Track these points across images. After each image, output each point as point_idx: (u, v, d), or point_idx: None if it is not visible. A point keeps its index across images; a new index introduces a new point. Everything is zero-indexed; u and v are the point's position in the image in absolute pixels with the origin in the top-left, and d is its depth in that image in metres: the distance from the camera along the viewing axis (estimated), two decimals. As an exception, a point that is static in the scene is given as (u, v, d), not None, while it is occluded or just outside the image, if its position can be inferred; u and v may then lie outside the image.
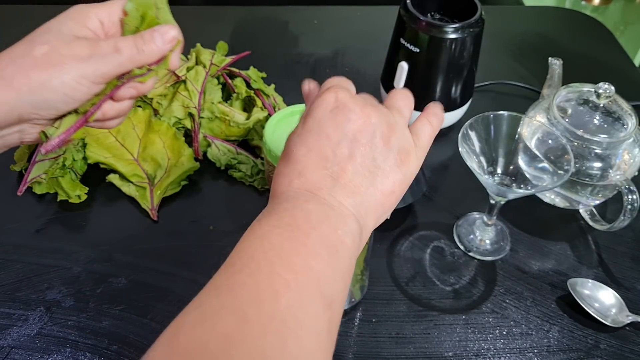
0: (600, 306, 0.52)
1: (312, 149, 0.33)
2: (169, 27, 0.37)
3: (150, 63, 0.37)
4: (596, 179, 0.56)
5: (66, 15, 0.36)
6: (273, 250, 0.29)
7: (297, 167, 0.33)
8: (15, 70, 0.32)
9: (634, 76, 0.82)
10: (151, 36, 0.36)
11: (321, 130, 0.34)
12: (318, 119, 0.34)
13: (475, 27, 0.61)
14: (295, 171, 0.33)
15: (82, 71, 0.33)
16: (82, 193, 0.59)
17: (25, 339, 0.49)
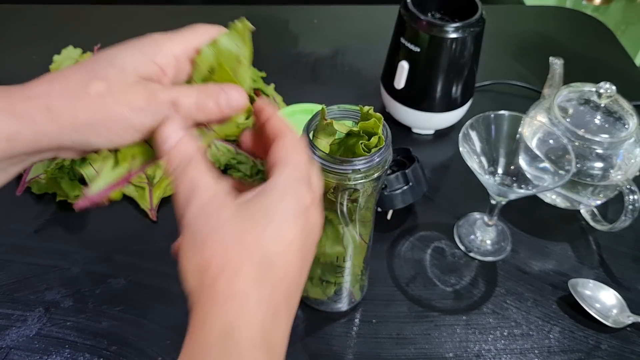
0: (601, 307, 0.52)
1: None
2: (239, 92, 0.32)
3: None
4: (597, 179, 0.55)
5: (137, 46, 0.32)
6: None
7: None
8: (64, 106, 0.29)
9: (635, 76, 0.81)
10: (217, 94, 0.32)
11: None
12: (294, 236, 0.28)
13: (476, 27, 0.61)
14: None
15: (131, 122, 0.30)
16: (81, 193, 0.58)
17: (24, 339, 0.48)
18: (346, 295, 0.50)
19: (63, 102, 0.29)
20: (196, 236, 0.27)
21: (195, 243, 0.27)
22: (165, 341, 0.49)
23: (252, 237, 0.27)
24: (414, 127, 0.70)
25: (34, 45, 0.81)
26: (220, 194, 0.28)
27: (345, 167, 0.37)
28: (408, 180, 0.56)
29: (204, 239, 0.27)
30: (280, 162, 0.30)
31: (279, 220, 0.28)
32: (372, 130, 0.39)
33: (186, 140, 0.30)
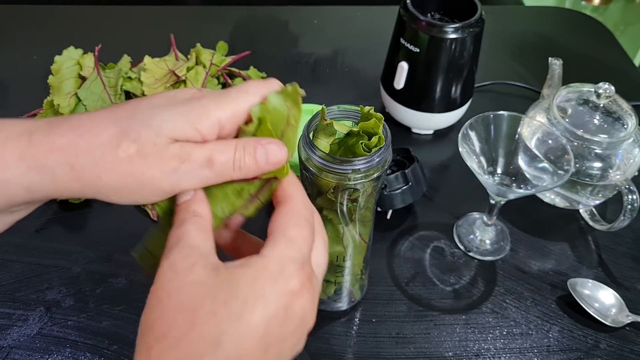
0: (600, 306, 0.52)
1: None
2: (278, 147, 0.29)
3: (245, 179, 0.30)
4: (596, 179, 0.56)
5: (180, 109, 0.28)
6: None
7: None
8: (89, 165, 0.26)
9: (634, 76, 0.82)
10: (254, 148, 0.29)
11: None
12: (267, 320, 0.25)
13: (475, 27, 0.61)
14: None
15: (161, 186, 0.27)
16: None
17: (25, 339, 0.49)
18: (346, 294, 0.50)
19: (88, 160, 0.26)
20: (158, 291, 0.25)
21: (154, 297, 0.25)
22: (165, 340, 0.49)
23: (208, 310, 0.24)
24: (413, 127, 0.71)
25: (35, 46, 0.81)
26: (196, 254, 0.26)
27: (345, 167, 0.37)
28: (408, 180, 0.56)
29: (161, 296, 0.25)
30: (275, 234, 0.28)
31: (245, 298, 0.25)
32: (372, 130, 0.39)
33: (199, 199, 0.29)
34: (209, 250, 0.27)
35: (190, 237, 0.27)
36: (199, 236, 0.27)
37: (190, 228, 0.27)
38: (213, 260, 0.26)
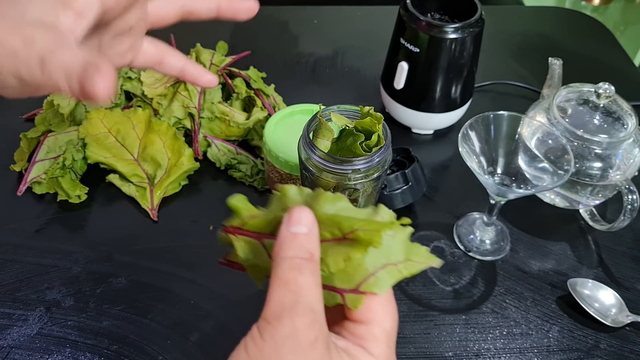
0: (600, 306, 0.52)
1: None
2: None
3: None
4: (596, 179, 0.56)
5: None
6: None
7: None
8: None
9: (634, 76, 0.82)
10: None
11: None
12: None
13: (475, 27, 0.61)
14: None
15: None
16: (82, 193, 0.59)
17: (25, 339, 0.49)
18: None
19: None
20: (271, 357, 0.23)
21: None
22: (166, 340, 0.49)
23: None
24: (413, 127, 0.71)
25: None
26: (318, 325, 0.23)
27: (345, 167, 0.37)
28: (408, 180, 0.56)
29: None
30: (373, 325, 0.26)
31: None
32: (370, 128, 0.39)
33: (315, 238, 0.25)
34: (324, 317, 0.24)
35: (311, 295, 0.24)
36: (318, 295, 0.24)
37: (310, 281, 0.24)
38: (327, 331, 0.24)
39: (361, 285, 0.25)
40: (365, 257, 0.25)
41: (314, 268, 0.24)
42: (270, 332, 0.23)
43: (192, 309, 0.51)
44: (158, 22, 0.33)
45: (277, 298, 0.23)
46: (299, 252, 0.24)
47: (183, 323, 0.50)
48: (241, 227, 0.27)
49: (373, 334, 0.25)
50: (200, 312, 0.51)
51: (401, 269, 0.26)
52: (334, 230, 0.25)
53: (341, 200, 0.26)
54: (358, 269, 0.25)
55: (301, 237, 0.24)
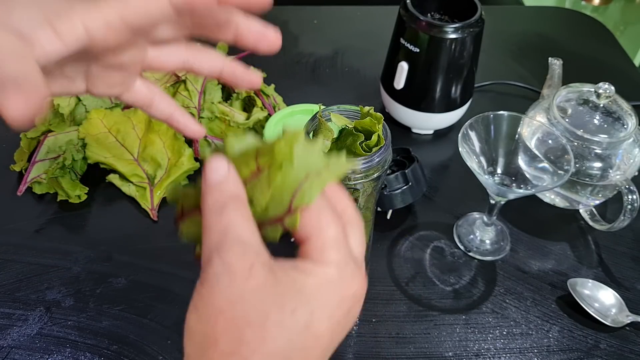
0: (600, 306, 0.52)
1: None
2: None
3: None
4: (596, 179, 0.56)
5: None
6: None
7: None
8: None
9: (634, 76, 0.82)
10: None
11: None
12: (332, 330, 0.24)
13: (475, 27, 0.61)
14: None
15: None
16: (82, 193, 0.59)
17: (25, 339, 0.49)
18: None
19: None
20: (212, 300, 0.22)
21: (209, 307, 0.22)
22: (166, 340, 0.49)
23: (275, 321, 0.22)
24: (413, 127, 0.71)
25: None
26: (251, 252, 0.23)
27: (345, 167, 0.37)
28: (408, 180, 0.56)
29: (221, 307, 0.22)
30: (315, 235, 0.25)
31: (312, 309, 0.23)
32: (370, 128, 0.39)
33: (234, 179, 0.25)
34: (259, 245, 0.24)
35: (237, 228, 0.23)
36: (246, 227, 0.24)
37: (235, 216, 0.24)
38: (266, 258, 0.24)
39: (292, 204, 0.25)
40: (285, 177, 0.24)
41: (238, 205, 0.24)
42: (204, 277, 0.23)
43: (192, 309, 0.51)
44: (156, 68, 0.33)
45: (206, 244, 0.23)
46: (220, 197, 0.24)
47: (183, 323, 0.50)
48: (182, 212, 0.27)
49: (316, 245, 0.25)
50: (200, 312, 0.51)
51: (323, 177, 0.25)
52: (250, 165, 0.25)
53: (247, 135, 0.26)
54: (283, 191, 0.25)
55: (218, 184, 0.24)
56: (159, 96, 0.35)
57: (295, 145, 0.24)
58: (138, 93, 0.34)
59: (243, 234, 0.24)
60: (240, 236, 0.23)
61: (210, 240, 0.23)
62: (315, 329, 0.23)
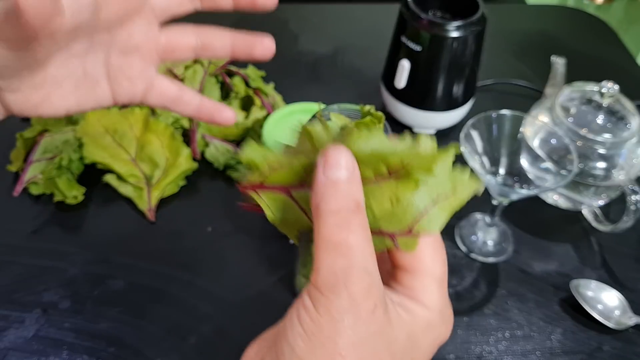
0: (603, 308, 0.52)
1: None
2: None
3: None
4: (600, 179, 0.55)
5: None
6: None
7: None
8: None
9: (638, 75, 0.81)
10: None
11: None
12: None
13: (477, 26, 0.60)
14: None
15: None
16: (79, 194, 0.58)
17: (22, 341, 0.48)
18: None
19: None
20: (335, 337, 0.20)
21: (329, 345, 0.20)
22: (163, 342, 0.48)
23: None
24: (415, 127, 0.70)
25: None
26: (376, 291, 0.21)
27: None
28: (409, 181, 0.56)
29: (342, 348, 0.20)
30: (423, 273, 0.23)
31: (415, 355, 0.23)
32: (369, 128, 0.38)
33: (358, 181, 0.22)
34: (379, 276, 0.22)
35: (363, 254, 0.21)
36: (370, 252, 0.21)
37: (361, 238, 0.21)
38: (382, 292, 0.22)
39: (413, 225, 0.22)
40: (413, 195, 0.22)
41: (362, 220, 0.21)
42: (325, 305, 0.20)
43: (190, 311, 0.50)
44: (171, 53, 0.32)
45: (328, 265, 0.21)
46: (344, 203, 0.21)
47: (181, 325, 0.49)
48: (262, 182, 0.24)
49: (424, 284, 0.23)
50: (198, 314, 0.50)
51: (451, 202, 0.23)
52: (378, 168, 0.22)
53: (376, 135, 0.22)
54: (407, 208, 0.22)
55: (343, 184, 0.21)
56: (185, 89, 0.34)
57: (436, 165, 0.22)
58: (165, 88, 0.33)
59: (368, 264, 0.21)
60: (366, 266, 0.21)
61: (335, 263, 0.21)
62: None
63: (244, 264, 0.54)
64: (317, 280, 0.21)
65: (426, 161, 0.21)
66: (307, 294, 0.21)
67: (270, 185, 0.24)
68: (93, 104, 0.31)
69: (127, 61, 0.31)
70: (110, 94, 0.31)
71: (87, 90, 0.30)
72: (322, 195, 0.21)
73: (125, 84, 0.31)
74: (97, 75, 0.30)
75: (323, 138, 0.23)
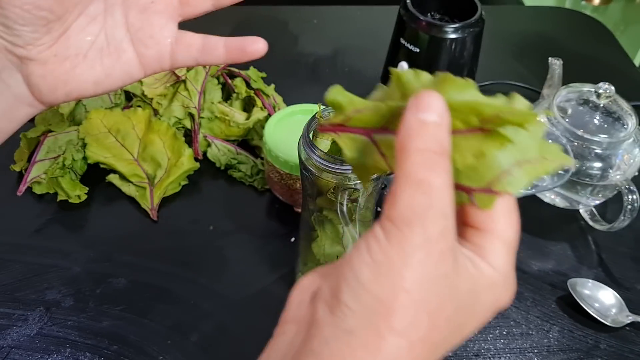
0: (600, 306, 0.52)
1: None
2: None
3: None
4: (596, 179, 0.55)
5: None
6: None
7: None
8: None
9: (634, 76, 0.82)
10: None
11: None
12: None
13: (475, 27, 0.61)
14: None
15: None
16: (82, 193, 0.59)
17: (25, 339, 0.49)
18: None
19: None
20: (402, 271, 0.20)
21: (396, 277, 0.20)
22: (166, 341, 0.49)
23: (447, 316, 0.21)
24: (413, 127, 0.70)
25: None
26: (450, 235, 0.21)
27: (345, 167, 0.37)
28: (408, 180, 0.56)
29: (409, 284, 0.20)
30: (496, 235, 0.23)
31: (473, 311, 0.23)
32: None
33: (448, 127, 0.21)
34: (454, 223, 0.22)
35: (445, 198, 0.21)
36: (450, 199, 0.21)
37: (445, 182, 0.21)
38: (455, 239, 0.22)
39: (493, 183, 0.22)
40: (500, 153, 0.21)
41: (446, 165, 0.21)
42: (398, 238, 0.20)
43: (192, 309, 0.51)
44: (189, 9, 0.32)
45: (407, 199, 0.20)
46: (431, 144, 0.21)
47: (183, 323, 0.50)
48: (344, 123, 0.23)
49: (494, 245, 0.23)
50: (200, 311, 0.51)
51: (537, 167, 0.22)
52: (469, 119, 0.21)
53: (470, 88, 0.22)
54: (491, 165, 0.22)
55: (432, 126, 0.21)
56: (207, 36, 0.33)
57: (528, 125, 0.21)
58: (191, 41, 0.32)
59: (447, 208, 0.21)
60: (445, 209, 0.21)
61: (415, 200, 0.20)
62: (464, 330, 0.23)
63: (246, 263, 0.54)
64: (392, 214, 0.20)
65: (521, 117, 0.21)
66: (379, 226, 0.21)
67: (352, 126, 0.23)
68: (121, 75, 0.31)
69: (147, 19, 0.30)
70: (137, 61, 0.31)
71: (113, 58, 0.30)
72: (409, 134, 0.21)
73: (150, 43, 0.31)
74: (120, 39, 0.30)
75: (413, 84, 0.22)
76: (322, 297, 0.21)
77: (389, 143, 0.23)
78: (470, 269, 0.22)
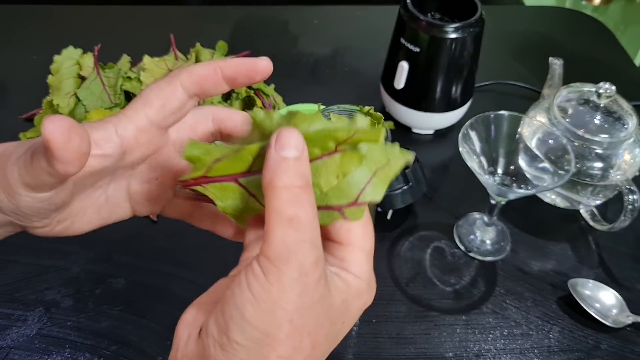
0: (600, 306, 0.52)
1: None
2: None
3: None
4: (597, 179, 0.55)
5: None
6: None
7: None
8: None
9: (635, 76, 0.81)
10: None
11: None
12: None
13: (476, 27, 0.61)
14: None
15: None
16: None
17: (25, 339, 0.48)
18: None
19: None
20: (284, 305, 0.22)
21: (279, 311, 0.22)
22: (165, 341, 0.49)
23: (325, 333, 0.24)
24: (413, 127, 0.70)
25: (35, 46, 0.81)
26: (321, 261, 0.23)
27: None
28: (408, 180, 0.56)
29: (291, 315, 0.22)
30: (356, 246, 0.26)
31: (347, 318, 0.25)
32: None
33: (307, 159, 0.23)
34: (322, 253, 0.23)
35: (313, 230, 0.22)
36: (317, 227, 0.23)
37: (311, 213, 0.22)
38: (324, 265, 0.24)
39: (359, 196, 0.24)
40: (358, 169, 0.24)
41: (311, 198, 0.23)
42: (276, 275, 0.22)
43: (192, 310, 0.51)
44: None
45: (280, 237, 0.22)
46: (295, 179, 0.22)
47: (182, 323, 0.50)
48: (206, 174, 0.25)
49: (355, 256, 0.25)
50: (199, 312, 0.51)
51: (387, 171, 0.24)
52: (326, 144, 0.23)
53: (319, 118, 0.23)
54: (353, 182, 0.24)
55: (292, 161, 0.22)
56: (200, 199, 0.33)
57: (379, 138, 0.23)
58: (180, 205, 0.33)
59: (317, 239, 0.23)
60: (316, 241, 0.23)
61: (287, 236, 0.22)
62: (339, 338, 0.25)
63: (245, 263, 0.54)
64: (268, 251, 0.22)
65: (372, 133, 0.23)
66: (256, 263, 0.22)
67: (215, 176, 0.25)
68: (115, 220, 0.33)
69: (147, 188, 0.32)
70: (131, 211, 0.33)
71: (109, 211, 0.32)
72: (274, 172, 0.22)
73: (146, 204, 0.32)
74: (119, 199, 0.32)
75: (267, 123, 0.24)
76: (211, 335, 0.23)
77: (256, 183, 0.24)
78: (339, 285, 0.25)
